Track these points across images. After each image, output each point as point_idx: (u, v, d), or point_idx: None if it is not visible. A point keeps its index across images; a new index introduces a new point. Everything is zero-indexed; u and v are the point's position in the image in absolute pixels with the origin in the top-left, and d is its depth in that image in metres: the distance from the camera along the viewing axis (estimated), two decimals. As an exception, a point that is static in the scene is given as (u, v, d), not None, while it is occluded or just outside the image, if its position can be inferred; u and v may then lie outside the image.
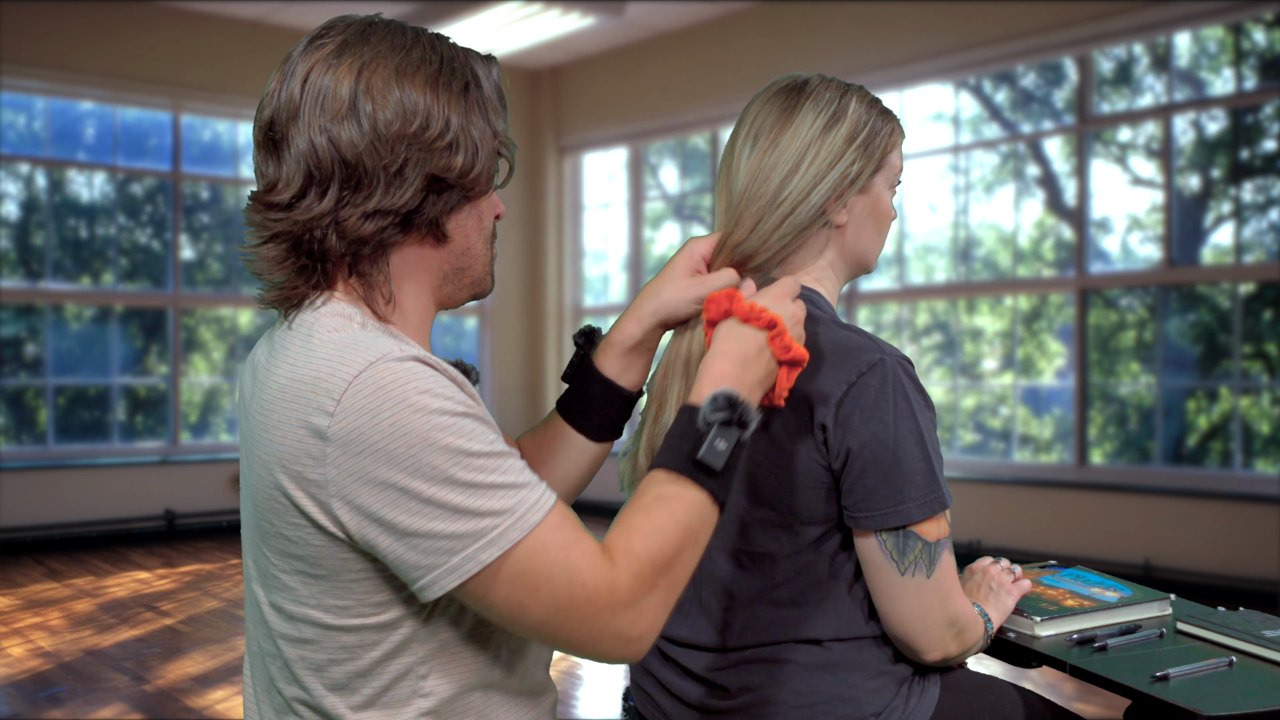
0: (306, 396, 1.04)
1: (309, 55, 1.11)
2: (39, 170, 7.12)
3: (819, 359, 1.36)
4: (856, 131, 1.43)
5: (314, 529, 1.05)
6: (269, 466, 1.06)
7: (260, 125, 1.13)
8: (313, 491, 1.03)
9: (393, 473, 1.00)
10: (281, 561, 1.09)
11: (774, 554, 1.38)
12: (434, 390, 1.02)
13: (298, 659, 1.11)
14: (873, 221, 1.48)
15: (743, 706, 1.38)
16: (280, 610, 1.11)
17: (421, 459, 0.99)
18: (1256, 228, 5.65)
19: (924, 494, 1.33)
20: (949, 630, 1.37)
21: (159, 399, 7.49)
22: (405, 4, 6.83)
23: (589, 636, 1.04)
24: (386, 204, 1.10)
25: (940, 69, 6.39)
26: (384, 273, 1.13)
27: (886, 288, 6.87)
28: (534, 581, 1.01)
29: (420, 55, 1.12)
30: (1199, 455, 5.84)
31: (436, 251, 1.16)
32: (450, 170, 1.11)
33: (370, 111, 1.08)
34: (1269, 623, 1.52)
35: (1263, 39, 5.64)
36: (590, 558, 1.03)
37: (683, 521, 1.07)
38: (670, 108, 7.74)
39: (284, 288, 1.12)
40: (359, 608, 1.07)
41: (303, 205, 1.09)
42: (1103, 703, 3.52)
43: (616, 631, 1.03)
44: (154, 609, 5.10)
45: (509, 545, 1.00)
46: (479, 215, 1.18)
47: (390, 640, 1.08)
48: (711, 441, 1.09)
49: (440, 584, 1.01)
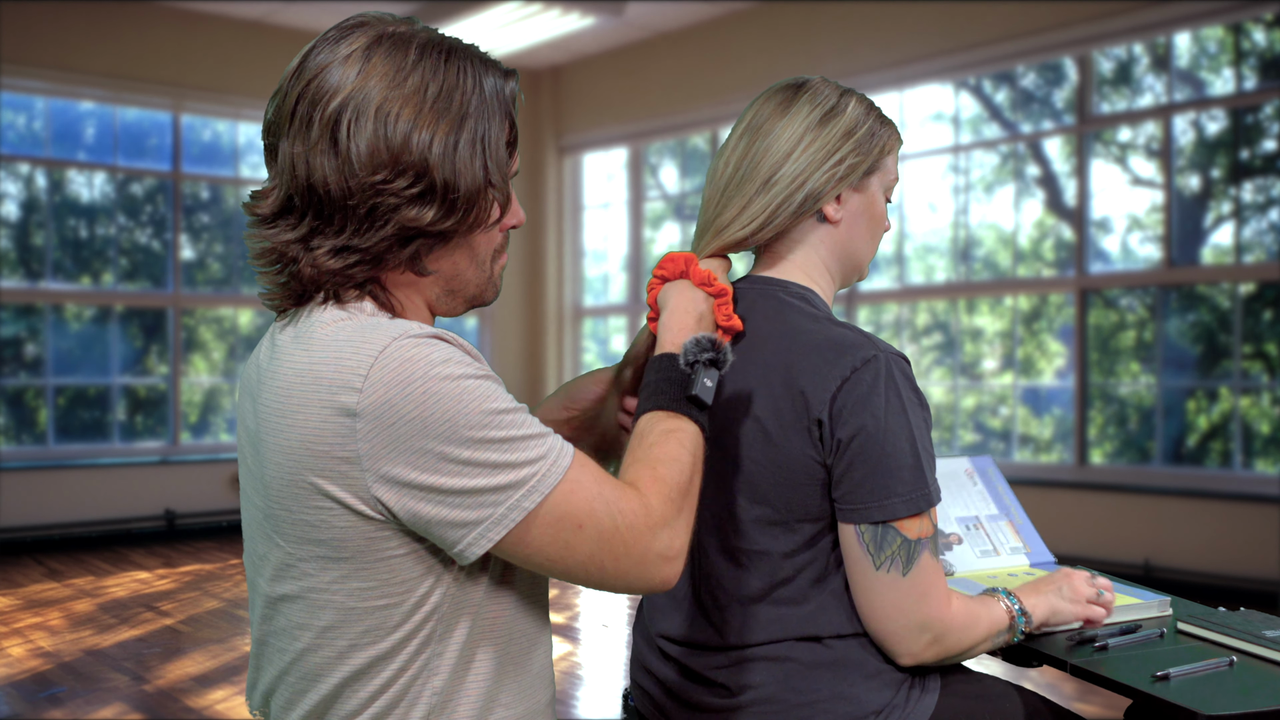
0: (329, 378, 1.05)
1: (317, 58, 1.10)
2: (39, 170, 7.12)
3: (815, 355, 1.36)
4: (854, 128, 1.44)
5: (340, 510, 1.06)
6: (288, 454, 1.07)
7: (264, 123, 1.14)
8: (342, 470, 1.04)
9: (430, 440, 1.03)
10: (300, 549, 1.09)
11: (771, 551, 1.38)
12: (455, 359, 1.05)
13: (315, 648, 1.11)
14: (867, 222, 1.48)
15: (744, 705, 1.38)
16: (298, 599, 1.11)
17: (457, 422, 1.03)
18: (1256, 228, 5.65)
19: (910, 490, 1.32)
20: (922, 634, 1.34)
21: (159, 399, 7.49)
22: (406, 4, 6.83)
23: (635, 562, 1.09)
24: (355, 243, 1.09)
25: (940, 69, 6.39)
26: (377, 288, 1.14)
27: (886, 288, 6.87)
28: (577, 518, 1.07)
29: (415, 83, 1.09)
30: (1199, 455, 5.84)
31: (420, 279, 1.16)
32: (420, 221, 1.10)
33: (345, 144, 1.07)
34: (1269, 623, 1.52)
35: (1263, 39, 5.64)
36: (620, 489, 1.10)
37: (690, 448, 1.17)
38: (670, 108, 7.74)
39: (282, 290, 1.14)
40: (383, 588, 1.09)
41: (281, 225, 1.11)
42: (1103, 703, 3.52)
43: (659, 552, 1.10)
44: (154, 609, 5.10)
45: (549, 489, 1.05)
46: (470, 247, 1.16)
47: (412, 620, 1.10)
48: (700, 379, 1.20)
49: (487, 537, 1.05)
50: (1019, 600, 1.44)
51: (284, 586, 1.12)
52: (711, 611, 1.42)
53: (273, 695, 1.17)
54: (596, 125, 8.38)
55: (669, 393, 1.20)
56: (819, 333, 1.38)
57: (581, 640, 4.54)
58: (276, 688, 1.16)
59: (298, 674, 1.13)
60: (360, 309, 1.12)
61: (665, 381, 1.21)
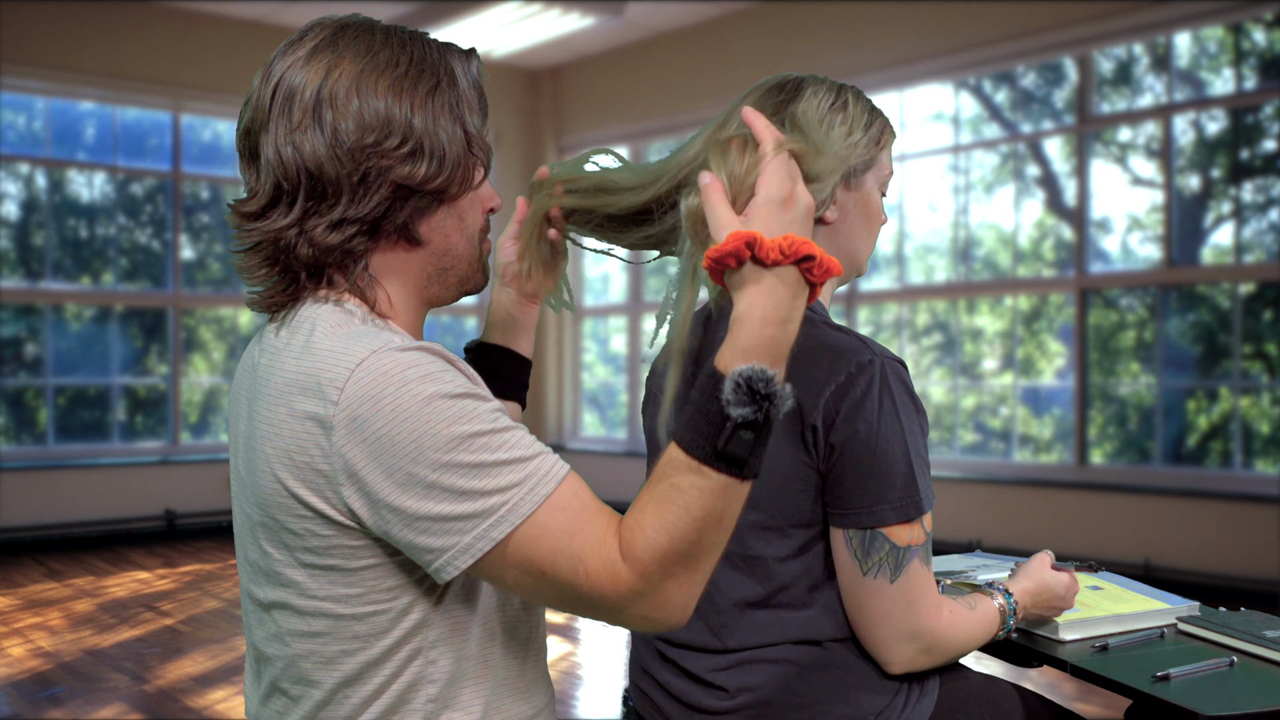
0: (311, 389, 1.04)
1: (283, 59, 1.13)
2: (39, 170, 7.12)
3: (809, 360, 1.35)
4: (852, 129, 1.42)
5: (320, 520, 1.05)
6: (271, 462, 1.07)
7: (239, 133, 1.15)
8: (319, 484, 1.04)
9: (397, 459, 1.00)
10: (287, 556, 1.09)
11: (767, 556, 1.38)
12: (434, 375, 1.02)
13: (307, 654, 1.11)
14: (863, 220, 1.47)
15: (742, 707, 1.38)
16: (288, 607, 1.11)
17: (423, 444, 1.00)
18: (1256, 228, 5.65)
19: (901, 497, 1.31)
20: (912, 644, 1.34)
21: (159, 399, 7.49)
22: (406, 4, 6.83)
23: (608, 619, 1.04)
24: (351, 213, 1.10)
25: (940, 69, 6.39)
26: (365, 276, 1.14)
27: (886, 288, 6.87)
28: (539, 567, 1.01)
29: (387, 58, 1.12)
30: (1199, 455, 5.84)
31: (413, 254, 1.16)
32: (413, 178, 1.11)
33: (331, 120, 1.09)
34: (1269, 623, 1.52)
35: (1263, 39, 5.64)
36: (594, 546, 1.00)
37: (699, 514, 0.99)
38: (670, 108, 7.74)
39: (270, 291, 1.14)
40: (371, 594, 1.08)
41: (273, 215, 1.11)
42: (1103, 703, 3.52)
43: (638, 615, 1.02)
44: (154, 609, 5.10)
45: (520, 520, 1.00)
46: (459, 215, 1.18)
47: (402, 626, 1.09)
48: (735, 434, 0.98)
49: (455, 564, 1.02)
50: (1005, 588, 1.45)
51: (274, 593, 1.12)
52: (709, 615, 1.42)
53: (269, 700, 1.17)
54: (596, 125, 8.38)
55: (701, 431, 0.99)
56: (814, 337, 1.37)
57: (581, 640, 4.54)
58: (272, 694, 1.16)
59: (291, 679, 1.13)
60: (350, 313, 1.11)
61: (702, 416, 0.99)
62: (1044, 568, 1.51)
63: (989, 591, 1.44)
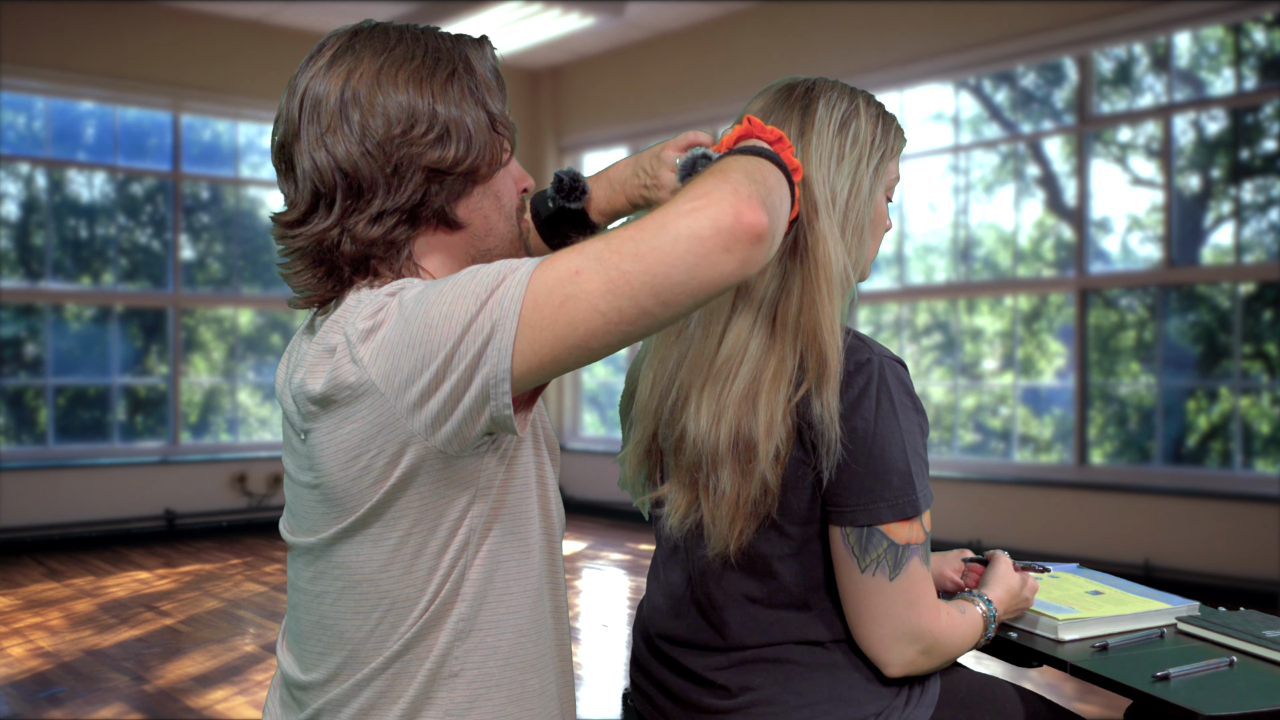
0: (340, 325, 1.11)
1: (306, 72, 1.18)
2: (39, 170, 7.12)
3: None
4: (862, 137, 1.42)
5: (371, 474, 1.09)
6: (301, 407, 1.13)
7: (274, 149, 1.20)
8: (355, 406, 1.07)
9: (413, 325, 1.05)
10: (340, 521, 1.13)
11: (767, 555, 1.38)
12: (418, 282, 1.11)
13: (354, 627, 1.15)
14: (869, 224, 1.47)
15: (743, 706, 1.38)
16: (343, 568, 1.15)
17: (430, 305, 1.05)
18: (1256, 228, 5.65)
19: (898, 495, 1.31)
20: (912, 645, 1.33)
21: (159, 399, 7.49)
22: (405, 4, 6.83)
23: (671, 241, 1.02)
24: (390, 205, 1.15)
25: (940, 69, 6.39)
26: (410, 264, 1.19)
27: (886, 288, 6.87)
28: (560, 272, 1.03)
29: (403, 53, 1.16)
30: (1199, 455, 5.84)
31: (455, 238, 1.20)
32: (444, 162, 1.15)
33: (359, 120, 1.13)
34: (1269, 623, 1.52)
35: (1263, 39, 5.64)
36: None
37: (729, 167, 1.10)
38: (670, 108, 7.74)
39: (315, 292, 1.19)
40: (417, 559, 1.12)
41: (313, 220, 1.16)
42: (1103, 703, 3.52)
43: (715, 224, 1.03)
44: (154, 609, 5.10)
45: (527, 276, 1.03)
46: (495, 195, 1.22)
47: (446, 588, 1.13)
48: None
49: (509, 351, 1.03)
50: (984, 594, 1.45)
51: (323, 562, 1.16)
52: (710, 613, 1.42)
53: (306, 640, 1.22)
54: (596, 125, 8.38)
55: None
56: None
57: (581, 640, 4.54)
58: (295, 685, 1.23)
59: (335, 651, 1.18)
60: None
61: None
62: (1010, 572, 1.51)
63: (970, 599, 1.44)
